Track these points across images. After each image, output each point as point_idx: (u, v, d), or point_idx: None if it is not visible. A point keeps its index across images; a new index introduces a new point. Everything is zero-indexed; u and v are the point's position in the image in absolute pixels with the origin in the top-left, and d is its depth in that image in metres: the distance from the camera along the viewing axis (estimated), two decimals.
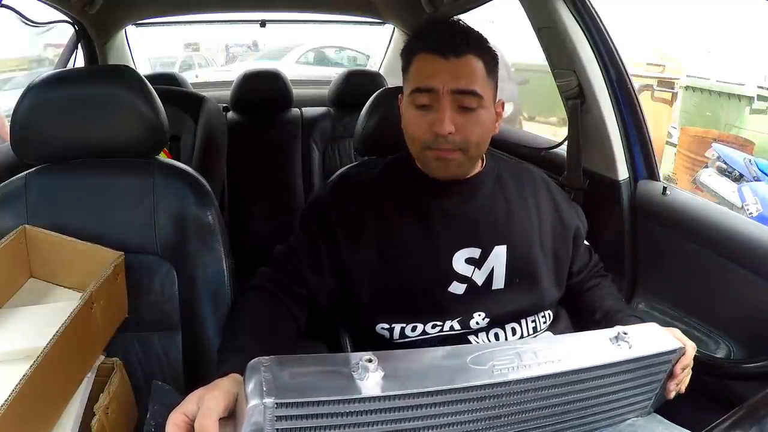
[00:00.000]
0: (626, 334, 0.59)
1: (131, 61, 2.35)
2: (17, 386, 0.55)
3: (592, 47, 1.18)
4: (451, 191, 0.85)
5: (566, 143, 1.30)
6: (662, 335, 0.64)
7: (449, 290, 0.81)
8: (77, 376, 0.69)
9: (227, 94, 2.15)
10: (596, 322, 0.88)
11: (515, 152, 1.57)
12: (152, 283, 0.86)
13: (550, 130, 5.25)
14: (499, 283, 0.83)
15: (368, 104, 1.13)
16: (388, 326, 0.83)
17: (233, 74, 2.52)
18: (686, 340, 0.69)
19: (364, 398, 0.46)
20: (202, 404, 0.54)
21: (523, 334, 0.84)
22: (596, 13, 1.16)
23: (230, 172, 1.91)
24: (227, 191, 1.92)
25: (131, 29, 2.36)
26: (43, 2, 1.56)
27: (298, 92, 2.16)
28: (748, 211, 2.97)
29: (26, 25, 1.69)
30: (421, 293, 0.82)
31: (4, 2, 1.37)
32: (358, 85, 1.96)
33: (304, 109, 2.11)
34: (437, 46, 0.78)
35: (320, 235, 0.85)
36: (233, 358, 0.67)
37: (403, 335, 0.83)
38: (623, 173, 1.20)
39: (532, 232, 0.86)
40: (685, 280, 1.09)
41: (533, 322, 0.85)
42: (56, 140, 0.87)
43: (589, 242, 0.97)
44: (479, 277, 0.82)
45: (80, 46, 1.91)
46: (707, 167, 3.55)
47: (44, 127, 0.85)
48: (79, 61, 1.93)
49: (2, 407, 0.53)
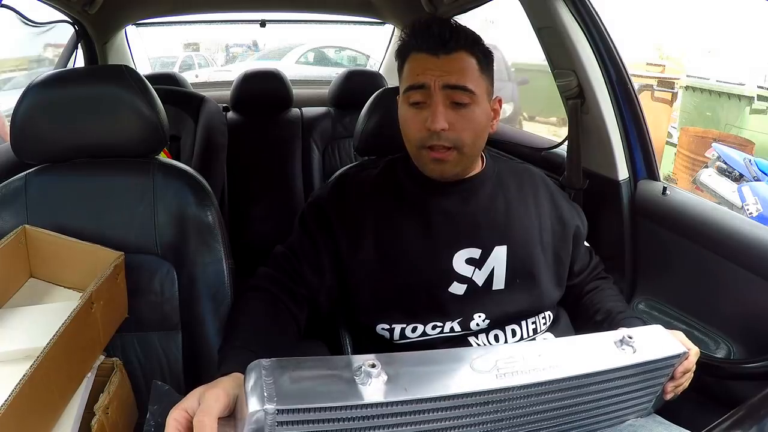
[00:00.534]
0: (631, 338, 0.58)
1: (131, 61, 2.35)
2: (17, 386, 0.55)
3: (592, 47, 1.18)
4: (451, 191, 0.85)
5: (566, 143, 1.30)
6: (667, 339, 0.64)
7: (449, 291, 0.81)
8: (77, 376, 0.69)
9: (227, 94, 2.15)
10: (597, 323, 0.88)
11: (515, 152, 1.57)
12: (152, 283, 0.86)
13: (550, 130, 5.25)
14: (499, 283, 0.83)
15: (368, 104, 1.13)
16: (388, 327, 0.83)
17: (233, 74, 2.52)
18: (690, 344, 0.69)
19: (366, 405, 0.46)
20: (202, 401, 0.54)
21: (522, 335, 0.84)
22: (596, 13, 1.16)
23: (230, 172, 1.91)
24: (227, 191, 1.92)
25: (131, 29, 2.36)
26: (43, 2, 1.56)
27: (298, 92, 2.16)
28: (748, 211, 2.97)
29: (26, 25, 1.69)
30: (421, 293, 0.82)
31: (4, 2, 1.37)
32: (358, 85, 1.96)
33: (304, 109, 2.11)
34: (428, 44, 0.79)
35: (320, 235, 0.84)
36: (234, 357, 0.67)
37: (403, 336, 0.83)
38: (623, 173, 1.20)
39: (532, 232, 0.86)
40: (685, 280, 1.09)
41: (533, 323, 0.85)
42: (56, 140, 0.87)
43: (589, 242, 0.97)
44: (479, 277, 0.82)
45: (80, 46, 1.91)
46: (707, 167, 3.55)
47: (44, 127, 0.85)
48: (79, 61, 1.93)
49: (2, 407, 0.53)
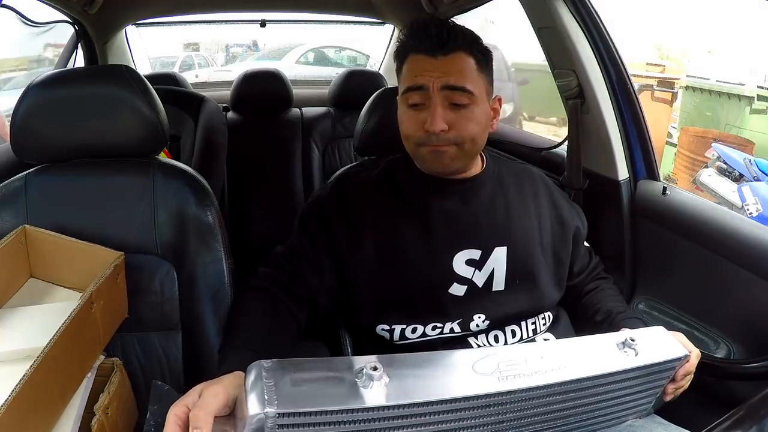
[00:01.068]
0: (633, 340, 0.58)
1: (131, 61, 2.35)
2: (17, 386, 0.55)
3: (592, 47, 1.18)
4: (451, 191, 0.85)
5: (566, 143, 1.30)
6: (669, 341, 0.63)
7: (449, 292, 0.81)
8: (77, 376, 0.69)
9: (227, 94, 2.15)
10: (597, 323, 0.88)
11: (515, 152, 1.57)
12: (152, 283, 0.86)
13: (550, 130, 5.25)
14: (499, 284, 0.83)
15: (368, 104, 1.13)
16: (388, 327, 0.83)
17: (233, 74, 2.52)
18: (691, 346, 0.69)
19: (368, 408, 0.46)
20: (201, 396, 0.54)
21: (522, 336, 0.84)
22: (596, 13, 1.16)
23: (230, 172, 1.91)
24: (227, 191, 1.92)
25: (131, 29, 2.36)
26: (43, 2, 1.56)
27: (298, 92, 2.16)
28: (748, 211, 2.97)
29: (26, 25, 1.69)
30: (421, 294, 0.82)
31: (4, 2, 1.37)
32: (358, 85, 1.96)
33: (304, 109, 2.11)
34: (426, 45, 0.79)
35: (319, 235, 0.84)
36: (234, 356, 0.67)
37: (403, 337, 0.83)
38: (623, 173, 1.20)
39: (532, 233, 0.86)
40: (685, 280, 1.09)
41: (533, 324, 0.85)
42: (56, 140, 0.87)
43: (589, 242, 0.97)
44: (479, 278, 0.82)
45: (80, 46, 1.91)
46: (707, 167, 3.55)
47: (44, 127, 0.85)
48: (79, 61, 1.93)
49: (2, 407, 0.53)
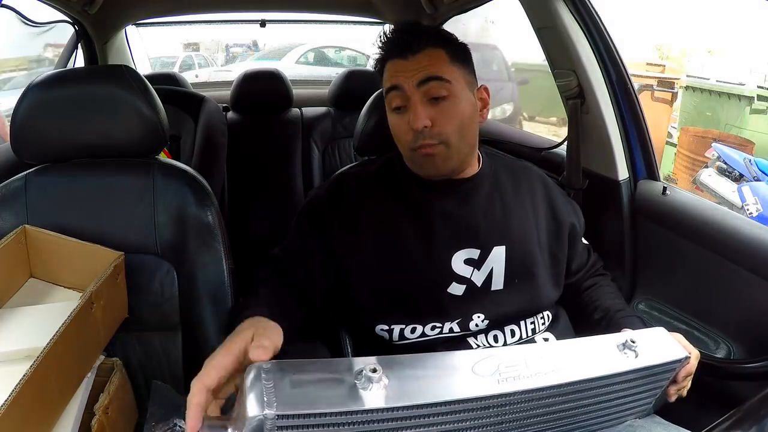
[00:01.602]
0: (634, 342, 0.58)
1: (131, 61, 2.35)
2: (17, 386, 0.55)
3: (592, 47, 1.18)
4: (449, 191, 0.85)
5: (566, 143, 1.30)
6: (669, 343, 0.63)
7: (448, 291, 0.81)
8: (77, 376, 0.69)
9: (227, 94, 2.15)
10: (596, 321, 0.88)
11: (515, 152, 1.57)
12: (152, 283, 0.86)
13: (550, 130, 5.25)
14: (498, 284, 0.83)
15: (368, 104, 1.13)
16: (387, 327, 0.83)
17: (233, 74, 2.52)
18: (691, 348, 0.69)
19: (367, 410, 0.46)
20: (204, 366, 0.55)
21: (522, 335, 0.84)
22: (596, 13, 1.16)
23: (230, 172, 1.91)
24: (227, 191, 1.92)
25: (131, 29, 2.36)
26: (43, 2, 1.56)
27: (298, 92, 2.16)
28: (748, 211, 2.97)
29: (26, 25, 1.69)
30: (419, 294, 0.82)
31: (4, 2, 1.37)
32: (358, 85, 1.96)
33: (304, 109, 2.11)
34: (396, 50, 0.82)
35: (314, 235, 0.85)
36: (247, 312, 0.69)
37: (402, 337, 0.83)
38: (623, 173, 1.20)
39: (529, 231, 0.86)
40: (685, 280, 1.09)
41: (532, 323, 0.85)
42: (56, 140, 0.87)
43: (589, 242, 0.97)
44: (478, 278, 0.82)
45: (80, 46, 1.91)
46: (707, 167, 3.55)
47: (44, 127, 0.85)
48: (79, 61, 1.93)
49: (2, 407, 0.53)
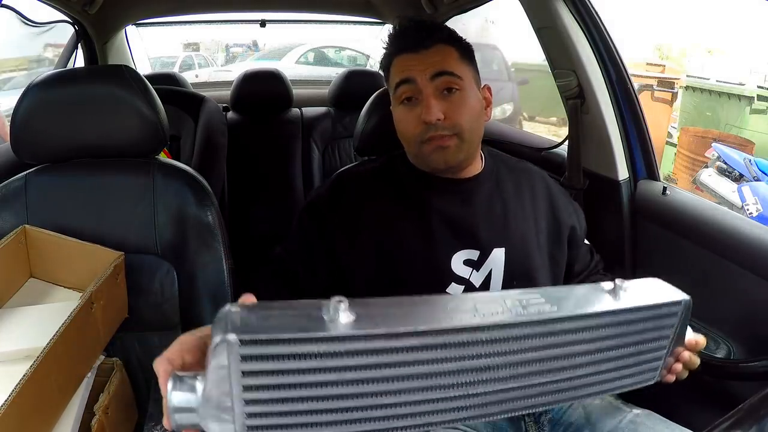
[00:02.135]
0: (624, 286, 0.54)
1: (131, 61, 2.35)
2: (17, 386, 0.55)
3: (592, 47, 1.18)
4: (450, 191, 0.85)
5: (566, 143, 1.30)
6: (665, 288, 0.59)
7: (447, 291, 0.81)
8: (77, 376, 0.69)
9: (227, 94, 2.15)
10: None
11: (515, 152, 1.56)
12: (152, 283, 0.86)
13: (550, 130, 5.25)
14: (496, 285, 0.83)
15: (368, 104, 1.13)
16: None
17: (233, 74, 2.52)
18: (699, 336, 0.66)
19: (336, 336, 0.44)
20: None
21: None
22: (596, 13, 1.16)
23: (230, 172, 1.91)
24: (227, 191, 1.92)
25: (131, 29, 2.36)
26: (43, 2, 1.56)
27: (298, 92, 2.15)
28: (748, 211, 2.97)
29: (26, 25, 1.69)
30: (418, 293, 0.82)
31: (4, 2, 1.37)
32: (358, 85, 1.96)
33: (304, 109, 2.11)
34: (407, 45, 0.82)
35: (317, 235, 0.85)
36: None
37: None
38: (623, 173, 1.20)
39: (529, 233, 0.86)
40: (684, 280, 1.08)
41: None
42: (56, 140, 0.87)
43: (589, 242, 0.97)
44: (477, 279, 0.82)
45: (80, 46, 1.91)
46: (707, 167, 3.55)
47: (44, 127, 0.85)
48: (79, 61, 1.93)
49: (2, 407, 0.53)
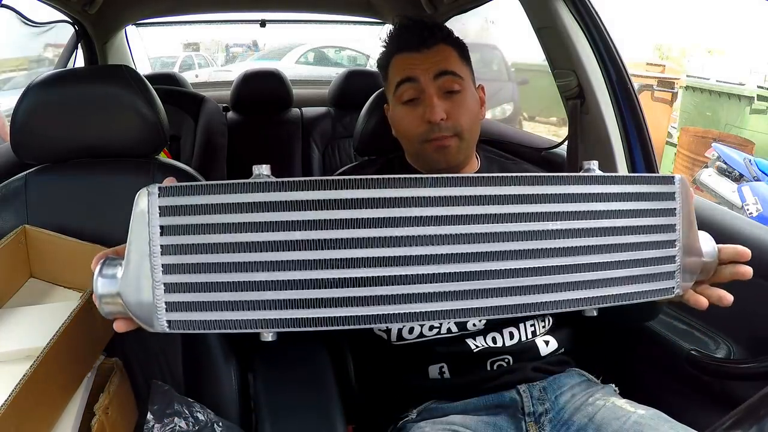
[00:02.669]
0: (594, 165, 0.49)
1: (131, 61, 2.35)
2: (17, 386, 0.55)
3: (592, 47, 1.18)
4: None
5: (566, 143, 1.30)
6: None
7: None
8: (77, 376, 0.69)
9: (227, 94, 2.15)
10: (597, 319, 0.88)
11: (515, 152, 1.57)
12: None
13: (550, 130, 5.25)
14: None
15: (368, 104, 1.13)
16: (385, 327, 0.83)
17: (233, 74, 2.52)
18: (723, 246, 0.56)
19: (255, 183, 0.42)
20: None
21: (521, 337, 0.83)
22: (596, 13, 1.16)
23: (230, 172, 1.91)
24: None
25: (131, 29, 2.36)
26: (43, 2, 1.56)
27: (298, 92, 2.15)
28: (748, 211, 2.97)
29: (26, 25, 1.69)
30: None
31: (4, 2, 1.37)
32: (358, 85, 1.96)
33: (304, 109, 2.11)
34: (408, 44, 0.82)
35: None
36: None
37: (400, 337, 0.83)
38: (623, 173, 1.20)
39: None
40: None
41: (532, 326, 0.84)
42: (56, 140, 0.87)
43: None
44: None
45: (80, 46, 1.91)
46: (707, 167, 3.55)
47: (44, 127, 0.85)
48: (79, 61, 1.93)
49: (2, 407, 0.53)
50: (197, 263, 0.42)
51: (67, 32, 1.85)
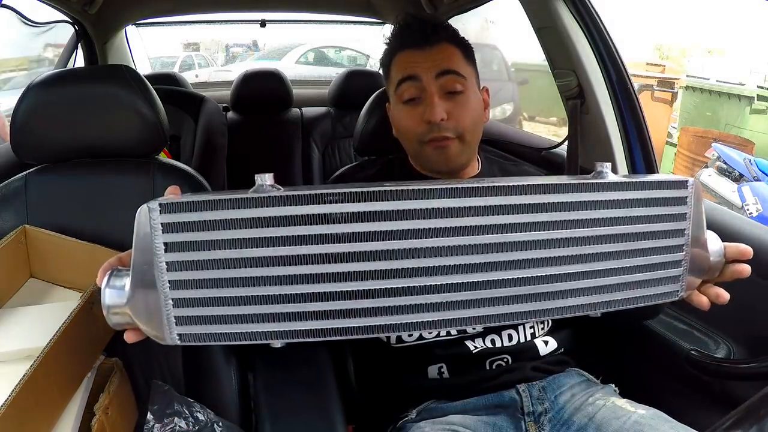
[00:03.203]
0: (607, 167, 0.48)
1: (131, 61, 2.35)
2: (17, 386, 0.55)
3: (592, 47, 1.18)
4: None
5: (566, 143, 1.30)
6: (667, 175, 0.53)
7: None
8: (77, 376, 0.69)
9: (227, 94, 2.15)
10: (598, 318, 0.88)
11: (515, 152, 1.57)
12: None
13: (550, 130, 5.25)
14: None
15: (368, 104, 1.13)
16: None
17: (233, 74, 2.52)
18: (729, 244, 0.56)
19: (258, 198, 0.41)
20: None
21: (520, 339, 0.83)
22: (596, 13, 1.16)
23: (230, 172, 1.91)
24: None
25: (131, 29, 2.36)
26: (43, 2, 1.56)
27: (298, 92, 2.15)
28: (748, 211, 2.97)
29: (26, 25, 1.69)
30: None
31: (4, 2, 1.37)
32: (358, 85, 1.96)
33: (304, 109, 2.11)
34: (412, 41, 0.80)
35: None
36: None
37: (400, 340, 0.83)
38: (623, 173, 1.20)
39: None
40: None
41: (531, 327, 0.84)
42: (56, 140, 0.87)
43: None
44: None
45: (80, 46, 1.91)
46: (707, 167, 3.55)
47: (44, 127, 0.85)
48: (79, 61, 1.93)
49: (2, 407, 0.53)
50: (204, 279, 0.42)
51: (67, 32, 1.85)
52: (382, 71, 0.87)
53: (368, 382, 0.93)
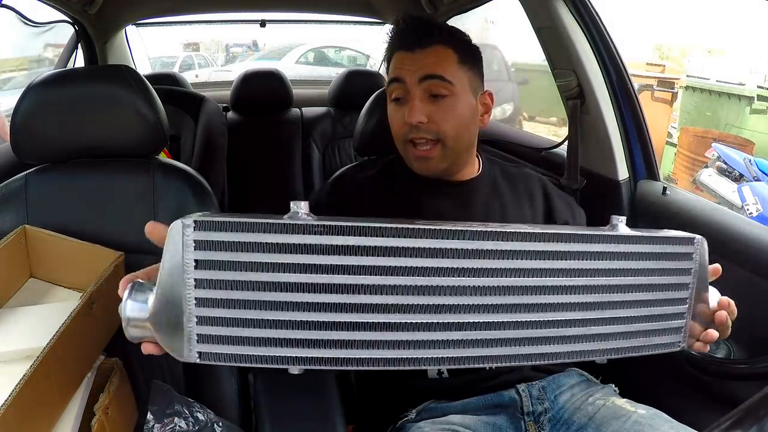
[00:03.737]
0: (621, 220, 0.51)
1: (131, 61, 2.35)
2: (17, 386, 0.55)
3: (592, 47, 1.18)
4: (446, 194, 0.85)
5: (566, 143, 1.30)
6: (676, 232, 0.55)
7: None
8: (77, 376, 0.69)
9: (227, 94, 2.15)
10: None
11: (515, 152, 1.57)
12: None
13: (550, 130, 5.25)
14: None
15: (368, 104, 1.13)
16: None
17: (233, 74, 2.52)
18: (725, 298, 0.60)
19: (294, 225, 0.42)
20: None
21: None
22: (596, 13, 1.16)
23: (230, 172, 1.91)
24: (227, 191, 1.92)
25: (131, 29, 2.36)
26: (43, 2, 1.56)
27: (298, 92, 2.15)
28: (748, 211, 2.97)
29: (26, 25, 1.69)
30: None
31: (4, 2, 1.37)
32: (358, 85, 1.96)
33: (304, 109, 2.11)
34: (404, 42, 0.82)
35: None
36: None
37: None
38: (623, 173, 1.20)
39: None
40: None
41: None
42: (56, 140, 0.87)
43: None
44: None
45: (80, 46, 1.91)
46: (707, 167, 3.55)
47: (44, 127, 0.85)
48: (79, 61, 1.93)
49: (2, 407, 0.53)
50: (231, 299, 0.42)
51: (67, 32, 1.85)
52: (387, 68, 0.89)
53: (368, 382, 0.93)
